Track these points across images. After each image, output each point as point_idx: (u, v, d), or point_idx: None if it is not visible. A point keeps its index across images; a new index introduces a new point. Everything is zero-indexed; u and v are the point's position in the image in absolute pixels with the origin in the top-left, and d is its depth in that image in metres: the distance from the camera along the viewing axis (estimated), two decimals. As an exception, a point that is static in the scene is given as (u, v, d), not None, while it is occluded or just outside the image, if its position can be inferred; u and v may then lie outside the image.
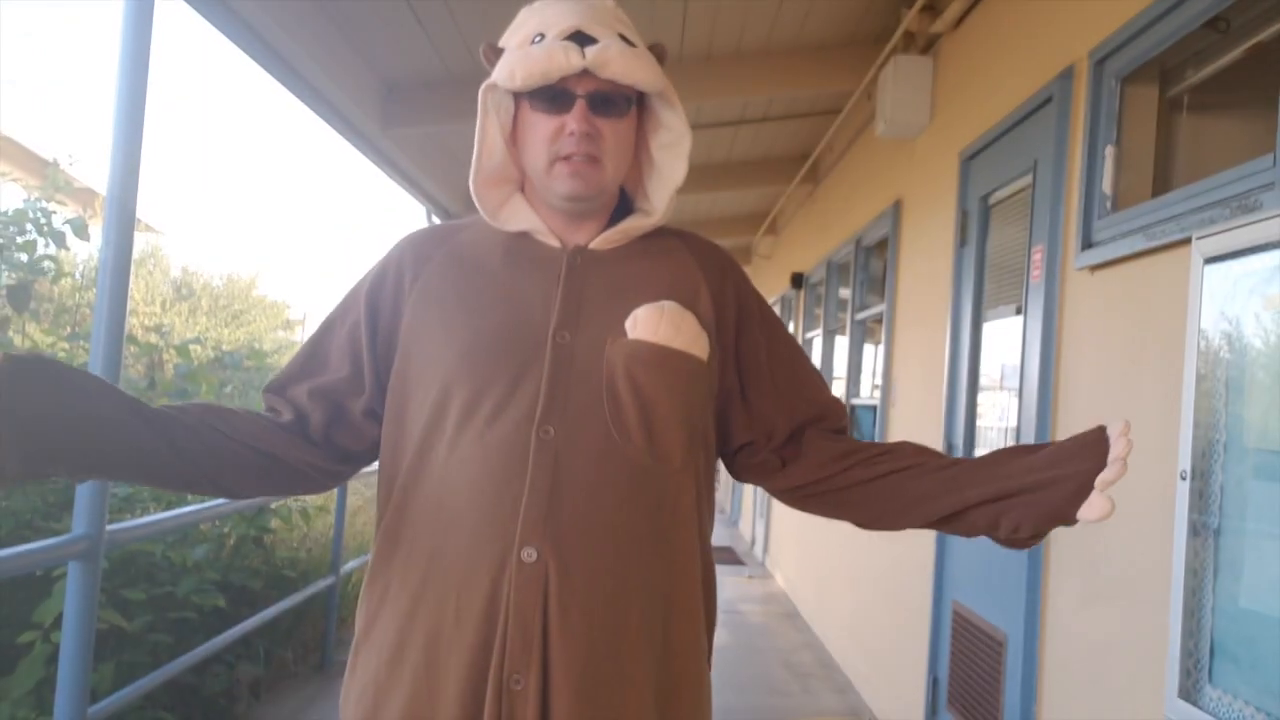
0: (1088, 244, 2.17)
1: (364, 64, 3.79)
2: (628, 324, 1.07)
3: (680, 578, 1.08)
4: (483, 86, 1.09)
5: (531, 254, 1.13)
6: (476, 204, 1.13)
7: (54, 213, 3.56)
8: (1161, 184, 2.08)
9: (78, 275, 6.65)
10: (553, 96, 1.05)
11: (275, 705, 3.56)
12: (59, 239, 3.52)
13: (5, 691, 2.51)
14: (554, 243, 1.13)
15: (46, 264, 3.52)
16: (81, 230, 3.53)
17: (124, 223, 2.05)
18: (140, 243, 12.41)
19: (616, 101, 1.06)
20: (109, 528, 2.13)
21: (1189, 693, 1.59)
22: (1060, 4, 2.46)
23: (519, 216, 1.14)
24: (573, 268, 1.12)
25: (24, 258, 3.48)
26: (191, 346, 4.03)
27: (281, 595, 3.78)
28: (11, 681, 2.51)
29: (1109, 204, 2.11)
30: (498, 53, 1.10)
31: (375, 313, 1.13)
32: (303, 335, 15.97)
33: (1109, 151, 2.12)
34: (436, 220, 5.69)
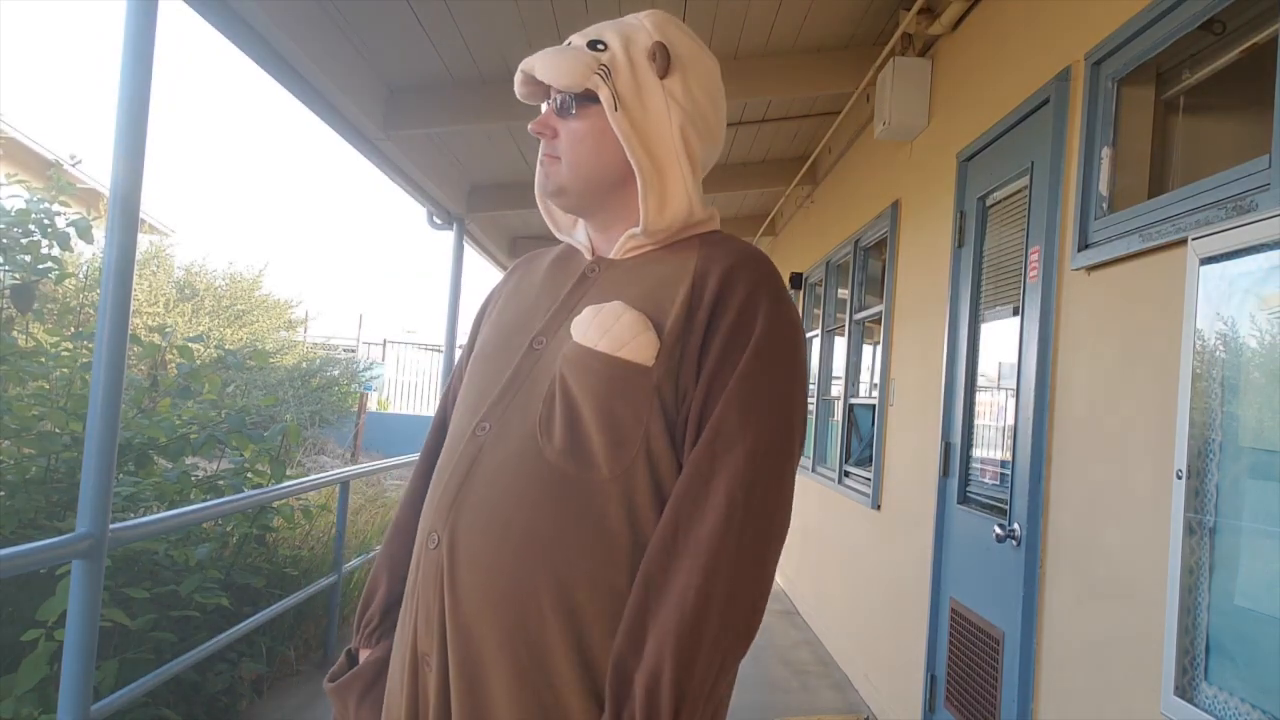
0: (1084, 245, 2.18)
1: (366, 66, 3.81)
2: (571, 326, 1.07)
3: (599, 594, 0.99)
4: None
5: (568, 266, 1.19)
6: (543, 213, 1.24)
7: (58, 214, 3.57)
8: (1158, 185, 2.09)
9: (81, 275, 6.67)
10: (544, 106, 1.15)
11: (277, 703, 3.57)
12: (63, 240, 3.53)
13: (9, 689, 2.52)
14: (589, 256, 1.18)
15: (50, 264, 3.54)
16: (85, 231, 3.55)
17: (128, 223, 2.06)
18: (144, 244, 12.42)
19: (565, 102, 1.11)
20: (112, 526, 2.14)
21: (1185, 690, 1.60)
22: (1057, 6, 2.47)
23: (577, 232, 1.22)
24: (585, 277, 1.15)
25: (27, 258, 3.49)
26: (194, 346, 4.04)
27: (284, 593, 3.80)
28: (15, 679, 2.52)
29: (1105, 205, 2.12)
30: None
31: (478, 327, 1.27)
32: (305, 335, 15.96)
33: (1105, 153, 2.13)
34: (438, 221, 5.70)
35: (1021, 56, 2.68)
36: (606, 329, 1.03)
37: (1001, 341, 2.75)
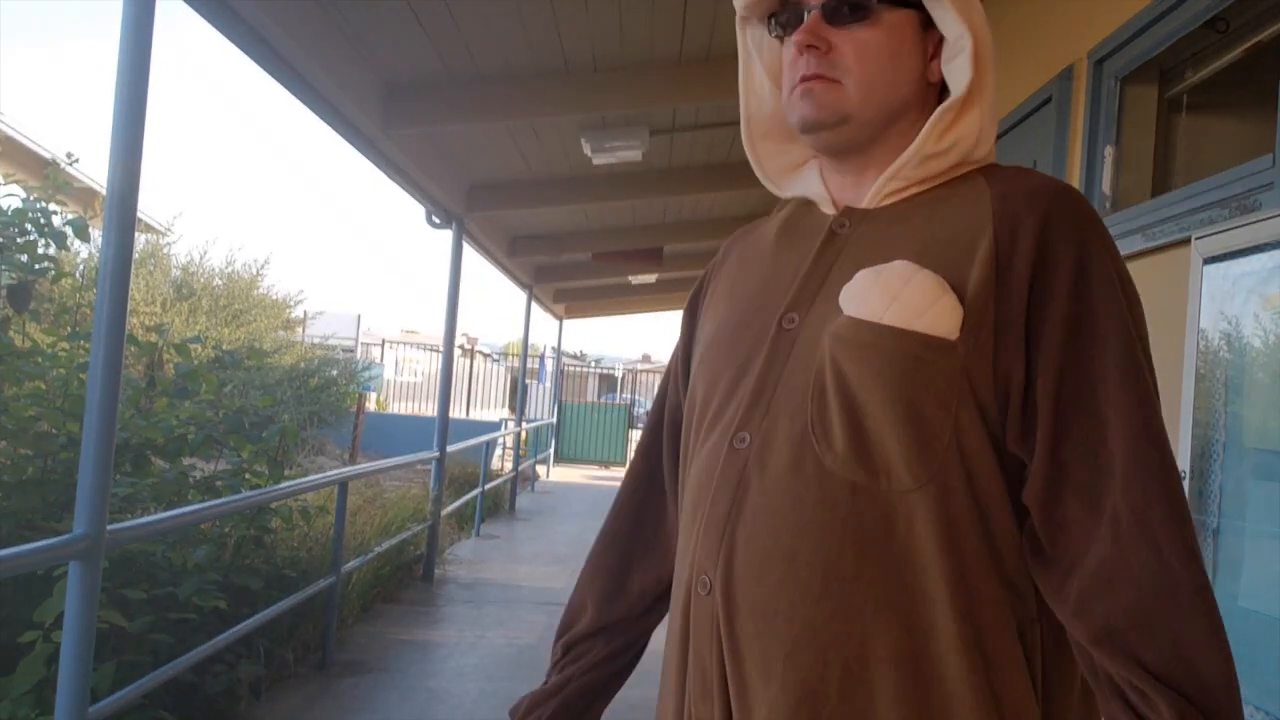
0: (1087, 244, 2.18)
1: (365, 65, 3.80)
2: (840, 298, 0.83)
3: (920, 638, 0.78)
4: (738, 21, 0.99)
5: (804, 226, 0.95)
6: (751, 161, 1.01)
7: (55, 213, 3.56)
8: (1161, 184, 2.08)
9: (78, 275, 6.65)
10: (788, 18, 0.91)
11: (275, 704, 3.56)
12: (59, 239, 3.52)
13: (6, 690, 2.51)
14: (830, 210, 0.93)
15: (46, 264, 3.53)
16: (82, 231, 3.53)
17: (125, 223, 2.06)
18: (141, 242, 12.41)
19: (851, 6, 0.86)
20: (110, 528, 2.14)
21: (1188, 692, 1.59)
22: (1060, 4, 2.47)
23: (802, 182, 0.98)
24: (834, 233, 0.90)
25: (24, 258, 3.48)
26: (191, 345, 4.03)
27: (282, 595, 3.78)
28: (12, 681, 2.51)
29: (1109, 204, 2.12)
30: None
31: (693, 317, 1.06)
32: (304, 335, 15.90)
33: (1108, 152, 2.13)
34: (436, 220, 5.69)
35: (1024, 55, 2.68)
36: (895, 295, 0.79)
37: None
